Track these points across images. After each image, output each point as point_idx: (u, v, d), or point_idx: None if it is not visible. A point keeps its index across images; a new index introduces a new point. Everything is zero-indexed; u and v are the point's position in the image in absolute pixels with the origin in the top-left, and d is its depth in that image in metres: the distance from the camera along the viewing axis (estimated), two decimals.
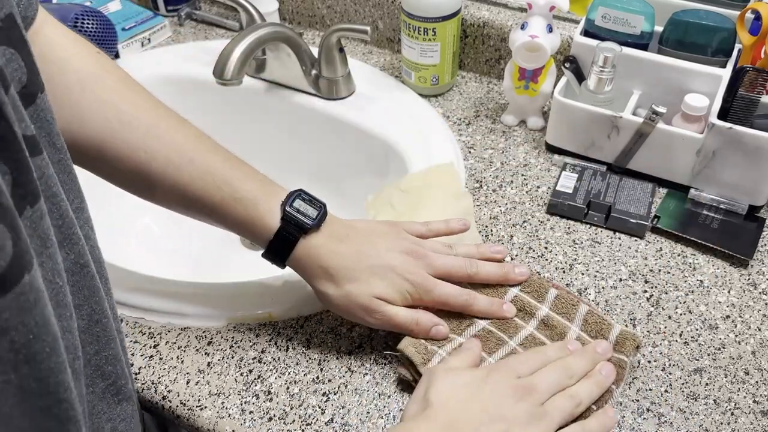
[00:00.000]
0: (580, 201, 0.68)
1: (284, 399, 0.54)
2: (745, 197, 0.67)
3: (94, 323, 0.37)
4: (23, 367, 0.26)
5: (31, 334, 0.26)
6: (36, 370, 0.27)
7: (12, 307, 0.25)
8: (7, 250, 0.24)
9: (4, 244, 0.24)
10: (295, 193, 0.54)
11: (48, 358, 0.27)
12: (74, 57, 0.52)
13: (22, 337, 0.26)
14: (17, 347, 0.25)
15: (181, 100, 0.91)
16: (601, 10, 0.71)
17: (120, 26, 0.92)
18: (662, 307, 0.60)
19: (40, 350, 0.27)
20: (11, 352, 0.25)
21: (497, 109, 0.83)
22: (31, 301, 0.26)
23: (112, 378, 0.40)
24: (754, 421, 0.51)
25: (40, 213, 0.28)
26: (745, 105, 0.65)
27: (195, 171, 0.52)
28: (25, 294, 0.25)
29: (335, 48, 0.79)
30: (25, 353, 0.26)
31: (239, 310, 0.60)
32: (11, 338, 0.25)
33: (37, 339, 0.26)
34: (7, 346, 0.25)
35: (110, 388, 0.40)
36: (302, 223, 0.52)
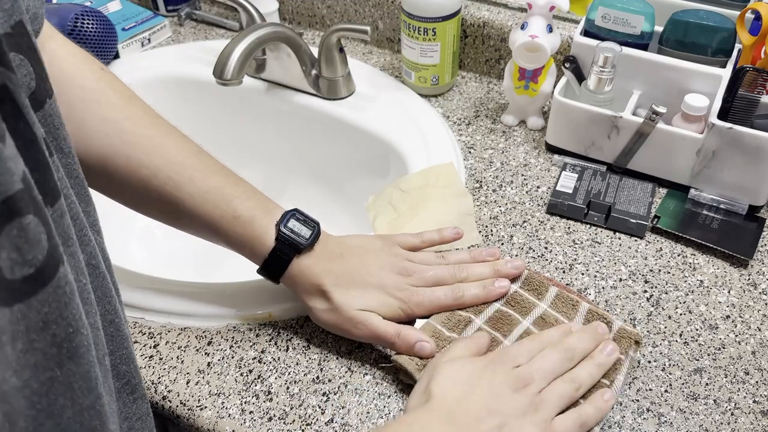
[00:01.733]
0: (580, 201, 0.68)
1: (284, 399, 0.54)
2: (745, 197, 0.67)
3: (108, 323, 0.38)
4: (68, 363, 0.26)
5: (71, 328, 0.26)
6: (79, 366, 0.27)
7: (51, 301, 0.25)
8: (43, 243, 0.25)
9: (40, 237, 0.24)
10: (290, 213, 0.55)
11: (88, 353, 0.28)
12: (78, 73, 0.53)
13: (62, 331, 0.26)
14: (59, 341, 0.26)
15: (181, 100, 0.91)
16: (601, 10, 0.71)
17: (120, 26, 0.92)
18: (662, 307, 0.60)
19: (80, 344, 0.27)
20: (54, 346, 0.25)
21: (497, 109, 0.83)
22: (68, 294, 0.26)
23: (127, 377, 0.40)
24: (754, 421, 0.51)
25: (60, 212, 0.28)
26: (745, 105, 0.65)
27: (194, 189, 0.54)
28: (62, 287, 0.26)
29: (335, 48, 0.79)
30: (68, 347, 0.26)
31: (239, 310, 0.60)
32: (53, 332, 0.25)
33: (77, 333, 0.27)
34: (49, 340, 0.25)
35: (125, 387, 0.40)
36: (296, 243, 0.54)
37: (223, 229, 0.54)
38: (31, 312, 0.24)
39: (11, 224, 0.23)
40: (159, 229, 0.90)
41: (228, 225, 0.54)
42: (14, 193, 0.23)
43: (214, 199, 0.54)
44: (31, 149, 0.26)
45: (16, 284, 0.23)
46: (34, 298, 0.24)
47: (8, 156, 0.23)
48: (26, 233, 0.24)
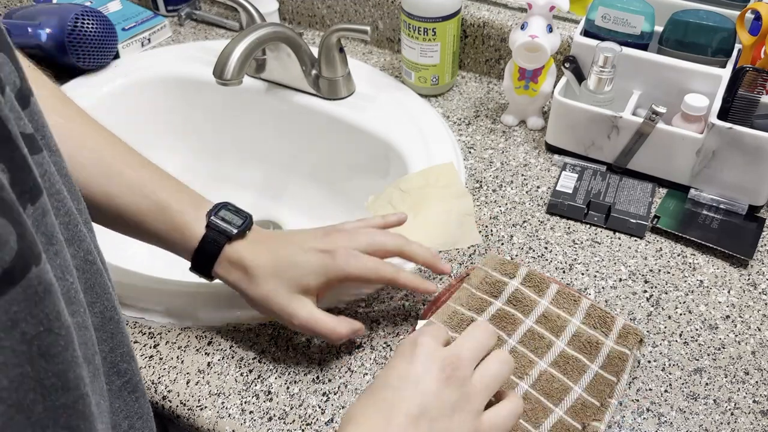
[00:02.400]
0: (580, 201, 0.68)
1: (284, 399, 0.54)
2: (744, 197, 0.67)
3: (107, 320, 0.38)
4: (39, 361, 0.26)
5: (42, 326, 0.26)
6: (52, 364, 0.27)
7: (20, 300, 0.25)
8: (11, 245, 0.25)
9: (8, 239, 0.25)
10: (221, 204, 0.55)
11: (64, 352, 0.28)
12: None
13: (32, 328, 0.26)
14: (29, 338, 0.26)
15: (181, 100, 0.91)
16: (601, 10, 0.71)
17: (120, 26, 0.92)
18: (662, 307, 0.60)
19: (54, 343, 0.27)
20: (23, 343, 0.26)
21: (497, 109, 0.83)
22: (39, 293, 0.26)
23: (128, 375, 0.40)
24: (754, 421, 0.51)
25: (42, 210, 0.28)
26: (745, 105, 0.65)
27: (124, 183, 0.53)
28: (33, 287, 0.26)
29: (335, 48, 0.79)
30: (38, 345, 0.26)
31: (239, 310, 0.60)
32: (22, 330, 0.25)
33: (49, 332, 0.27)
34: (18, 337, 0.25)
35: (126, 386, 0.40)
36: (226, 231, 0.53)
37: (154, 220, 0.53)
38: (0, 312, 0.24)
39: None
40: None
41: (158, 216, 0.53)
42: None
43: (143, 191, 0.53)
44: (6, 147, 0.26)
45: None
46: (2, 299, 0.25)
47: None
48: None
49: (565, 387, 0.52)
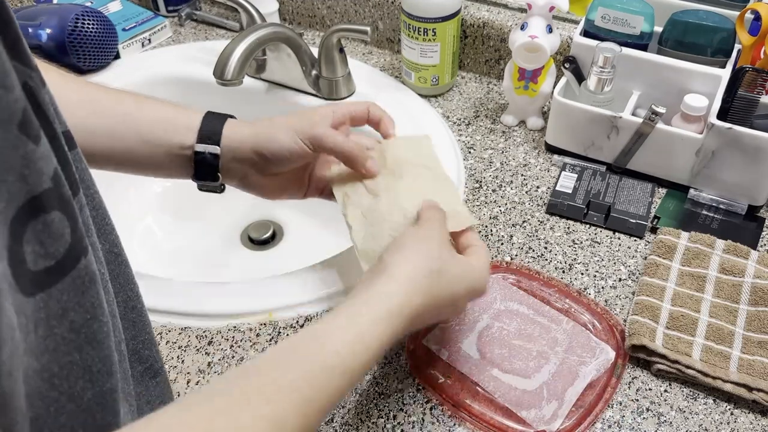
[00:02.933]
0: (580, 201, 0.68)
1: None
2: (744, 197, 0.67)
3: (130, 309, 0.38)
4: (86, 348, 0.28)
5: (89, 315, 0.28)
6: (98, 350, 0.28)
7: (69, 290, 0.26)
8: (66, 237, 0.26)
9: (63, 232, 0.26)
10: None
11: (107, 338, 0.29)
12: None
13: (80, 317, 0.27)
14: (77, 327, 0.27)
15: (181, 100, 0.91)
16: (600, 11, 0.71)
17: (120, 26, 0.92)
18: None
19: (99, 330, 0.28)
20: (72, 332, 0.27)
21: (497, 109, 0.83)
22: (86, 283, 0.27)
23: (150, 361, 0.41)
24: (754, 421, 0.52)
25: (80, 203, 0.29)
26: (745, 105, 0.65)
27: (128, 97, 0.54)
28: (81, 277, 0.27)
29: (335, 48, 0.79)
30: (86, 333, 0.28)
31: (239, 310, 0.60)
32: (71, 319, 0.27)
33: (95, 319, 0.28)
34: (68, 326, 0.27)
35: (148, 371, 0.41)
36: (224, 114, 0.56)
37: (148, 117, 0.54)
38: (51, 300, 0.26)
39: (36, 220, 0.25)
40: (159, 229, 0.90)
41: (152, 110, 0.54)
42: (41, 192, 0.25)
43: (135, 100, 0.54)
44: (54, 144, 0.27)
45: (38, 275, 0.25)
46: (55, 288, 0.26)
47: (39, 156, 0.25)
48: (50, 228, 0.25)
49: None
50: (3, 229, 0.23)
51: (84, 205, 0.30)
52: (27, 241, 0.24)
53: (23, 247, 0.24)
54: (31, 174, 0.24)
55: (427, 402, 0.53)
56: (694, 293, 0.58)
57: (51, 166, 0.25)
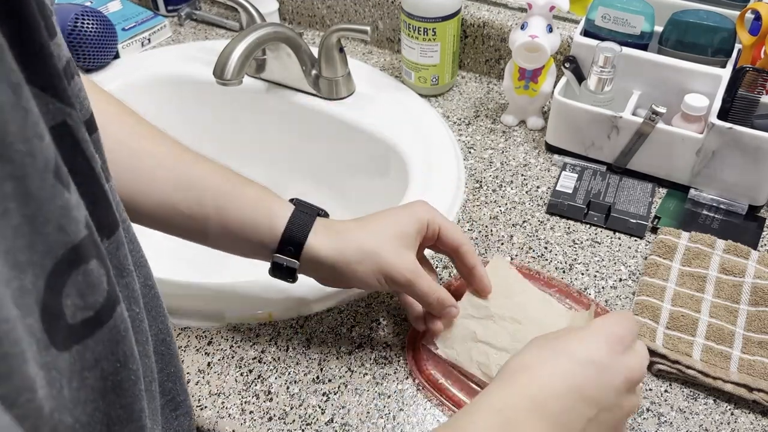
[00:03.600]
0: (580, 201, 0.68)
1: (284, 399, 0.54)
2: (744, 197, 0.67)
3: (160, 342, 0.38)
4: (110, 395, 0.27)
5: (119, 363, 0.27)
6: (122, 398, 0.28)
7: (105, 340, 0.26)
8: (104, 285, 0.25)
9: (101, 280, 0.25)
10: (293, 198, 0.54)
11: (133, 386, 0.28)
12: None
13: (110, 366, 0.26)
14: (105, 375, 0.26)
15: (181, 100, 0.91)
16: (601, 10, 0.71)
17: (120, 26, 0.92)
18: None
19: (126, 378, 0.28)
20: (101, 380, 0.26)
21: (497, 109, 0.83)
22: (121, 332, 0.27)
23: (172, 394, 0.40)
24: (754, 421, 0.51)
25: (116, 243, 0.28)
26: (745, 105, 0.65)
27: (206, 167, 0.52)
28: (116, 326, 0.26)
29: (335, 48, 0.79)
30: (113, 381, 0.27)
31: (239, 310, 0.60)
32: (101, 367, 0.26)
33: (124, 367, 0.27)
34: (98, 374, 0.26)
35: (169, 404, 0.40)
36: (314, 208, 0.52)
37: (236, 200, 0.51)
38: (87, 352, 0.25)
39: (77, 271, 0.23)
40: None
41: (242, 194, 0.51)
42: (80, 240, 0.24)
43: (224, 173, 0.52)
44: (90, 183, 0.26)
45: (76, 328, 0.24)
46: (91, 339, 0.25)
47: (74, 204, 0.23)
48: (89, 278, 0.24)
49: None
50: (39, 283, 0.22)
51: (120, 245, 0.29)
52: (67, 294, 0.23)
53: (62, 301, 0.23)
54: (69, 223, 0.23)
55: (427, 402, 0.53)
56: (695, 293, 0.58)
57: (83, 213, 0.24)
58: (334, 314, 0.60)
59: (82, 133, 0.26)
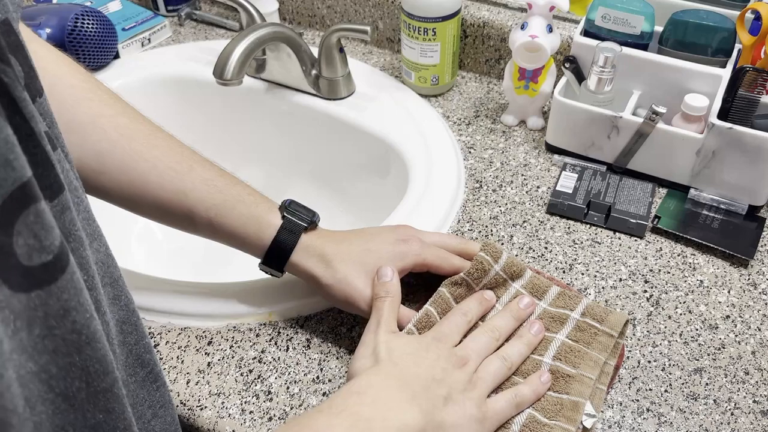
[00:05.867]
0: (580, 201, 0.68)
1: (284, 399, 0.54)
2: (745, 197, 0.67)
3: (131, 313, 0.38)
4: (86, 348, 0.27)
5: (88, 314, 0.27)
6: (96, 350, 0.27)
7: (69, 288, 0.25)
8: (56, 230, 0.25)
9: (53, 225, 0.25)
10: (288, 200, 0.57)
11: (102, 337, 0.28)
12: (65, 72, 0.53)
13: (81, 317, 0.26)
14: (79, 327, 0.26)
15: (181, 100, 0.91)
16: (601, 10, 0.71)
17: (120, 26, 0.92)
18: (662, 307, 0.60)
19: (96, 330, 0.27)
20: (74, 333, 0.26)
21: (497, 109, 0.83)
22: (82, 281, 0.26)
23: (150, 365, 0.41)
24: (754, 421, 0.51)
25: (61, 207, 0.28)
26: (745, 105, 0.65)
27: (197, 178, 0.54)
28: (76, 274, 0.26)
29: (335, 48, 0.79)
30: (86, 334, 0.27)
31: (239, 310, 0.60)
32: (73, 318, 0.26)
33: (93, 318, 0.27)
34: (69, 326, 0.26)
35: (149, 376, 0.41)
36: (304, 219, 0.55)
37: (227, 214, 0.54)
38: (51, 299, 0.24)
39: (27, 210, 0.23)
40: (159, 229, 0.90)
41: (233, 207, 0.54)
42: (29, 178, 0.23)
43: (217, 185, 0.54)
44: (29, 143, 0.26)
45: (34, 271, 0.23)
46: (55, 285, 0.24)
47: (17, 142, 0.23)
48: (42, 219, 0.24)
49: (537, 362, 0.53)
50: None
51: (67, 208, 0.28)
52: (18, 232, 0.23)
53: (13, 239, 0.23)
54: (17, 158, 0.23)
55: None
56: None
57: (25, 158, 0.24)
58: (334, 314, 0.60)
59: (19, 92, 0.26)
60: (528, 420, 0.49)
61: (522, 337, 0.54)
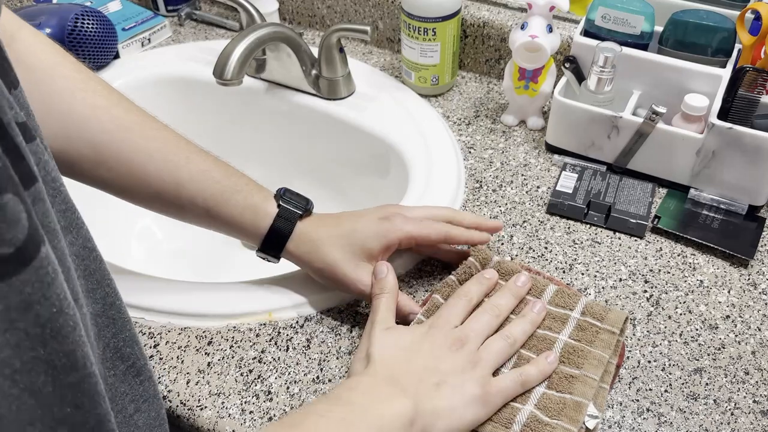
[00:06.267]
0: (580, 201, 0.68)
1: (284, 399, 0.54)
2: (745, 197, 0.67)
3: (109, 306, 0.38)
4: (51, 342, 0.26)
5: (54, 308, 0.26)
6: (63, 344, 0.27)
7: (33, 281, 0.25)
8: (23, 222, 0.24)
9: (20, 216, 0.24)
10: (282, 188, 0.59)
11: (73, 332, 0.28)
12: (58, 62, 0.53)
13: (46, 311, 0.26)
14: (43, 321, 0.26)
15: (181, 100, 0.91)
16: (601, 10, 0.71)
17: (120, 26, 0.92)
18: (662, 307, 0.60)
19: (65, 324, 0.27)
20: (38, 326, 0.25)
21: (497, 109, 0.83)
22: (50, 274, 0.26)
23: (132, 359, 0.40)
24: (754, 421, 0.51)
25: (33, 197, 0.28)
26: (745, 105, 0.65)
27: (194, 168, 0.55)
28: (44, 267, 0.25)
29: (335, 48, 0.79)
30: (51, 327, 0.26)
31: (239, 310, 0.60)
32: (36, 312, 0.25)
33: (60, 312, 0.27)
34: (32, 320, 0.25)
35: (130, 370, 0.40)
36: (299, 207, 0.57)
37: (225, 204, 0.55)
38: (12, 292, 0.24)
39: None
40: (159, 229, 0.90)
41: (230, 197, 0.55)
42: None
43: (213, 175, 0.55)
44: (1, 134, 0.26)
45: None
46: (16, 278, 0.24)
47: None
48: (4, 212, 0.23)
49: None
50: None
51: (41, 199, 0.28)
52: None
53: None
54: None
55: None
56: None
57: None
58: (334, 314, 0.60)
59: None
60: (530, 419, 0.49)
61: (525, 316, 0.54)
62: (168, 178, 0.54)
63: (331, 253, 0.56)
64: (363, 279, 0.55)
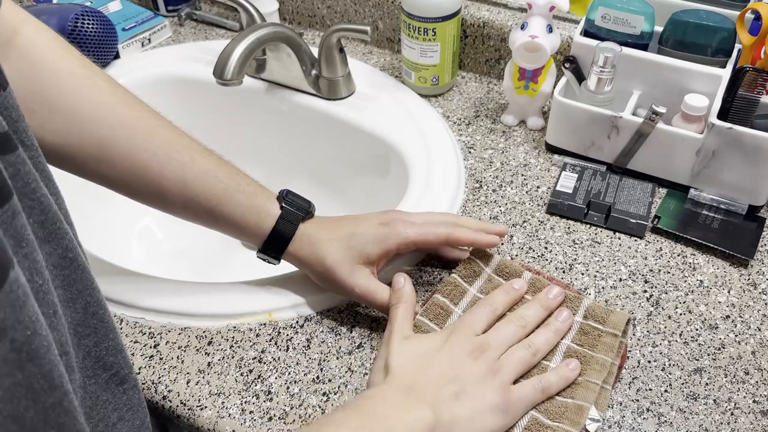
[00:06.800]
0: (580, 201, 0.68)
1: (284, 399, 0.54)
2: (745, 197, 0.67)
3: (90, 315, 0.37)
4: (28, 365, 0.26)
5: (29, 330, 0.26)
6: (40, 366, 0.27)
7: (5, 306, 0.24)
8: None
9: None
10: (285, 190, 0.59)
11: (48, 352, 0.27)
12: (63, 59, 0.52)
13: (20, 335, 0.25)
14: (18, 346, 0.25)
15: (181, 100, 0.91)
16: (601, 10, 0.71)
17: (120, 26, 0.92)
18: (662, 307, 0.60)
19: (40, 345, 0.27)
20: (14, 351, 0.25)
21: (497, 109, 0.83)
22: (21, 297, 0.25)
23: (115, 368, 0.40)
24: (754, 421, 0.51)
25: (11, 212, 0.27)
26: (745, 105, 0.65)
27: (197, 168, 0.55)
28: (14, 291, 0.25)
29: (335, 48, 0.79)
30: (27, 351, 0.26)
31: (239, 310, 0.60)
32: (11, 337, 0.25)
33: (35, 334, 0.26)
34: (8, 346, 0.25)
35: (113, 378, 0.40)
36: (301, 209, 0.57)
37: (228, 203, 0.55)
38: None
39: None
40: (159, 229, 0.90)
41: (232, 197, 0.55)
42: None
43: (217, 175, 0.56)
44: None
45: None
46: None
47: None
48: None
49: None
50: None
51: (17, 213, 0.28)
52: None
53: None
54: None
55: None
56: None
57: None
58: (334, 314, 0.60)
59: None
60: (530, 422, 0.49)
61: (549, 325, 0.53)
62: (171, 177, 0.54)
63: (329, 255, 0.56)
64: (360, 283, 0.55)
